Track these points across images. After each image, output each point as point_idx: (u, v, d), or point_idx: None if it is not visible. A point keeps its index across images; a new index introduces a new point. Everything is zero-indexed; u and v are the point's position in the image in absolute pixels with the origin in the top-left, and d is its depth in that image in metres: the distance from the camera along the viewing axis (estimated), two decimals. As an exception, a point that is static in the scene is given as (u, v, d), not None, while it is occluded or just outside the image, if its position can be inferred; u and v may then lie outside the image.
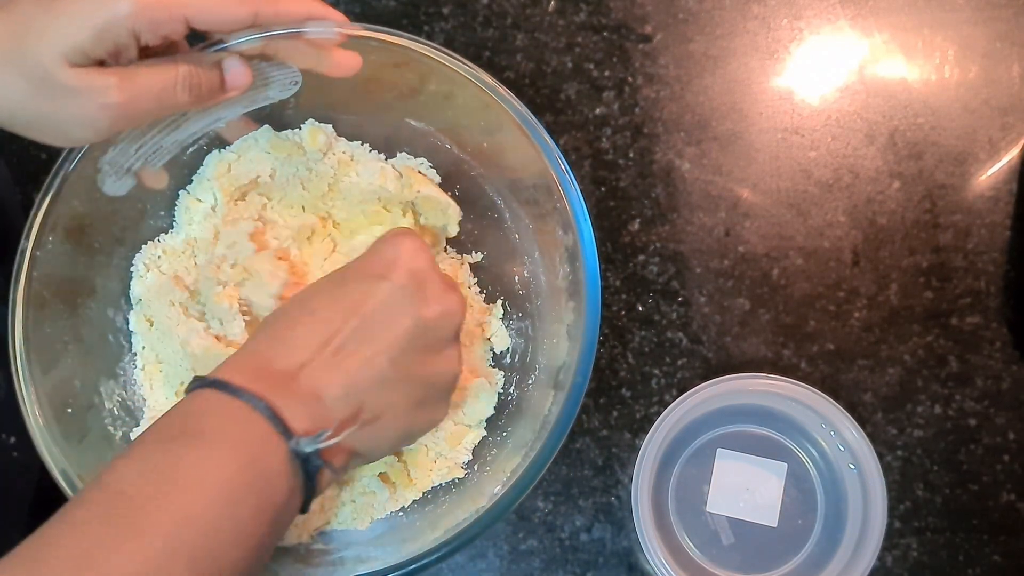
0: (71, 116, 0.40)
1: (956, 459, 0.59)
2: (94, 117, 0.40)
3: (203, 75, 0.42)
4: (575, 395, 0.47)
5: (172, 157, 0.49)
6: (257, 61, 0.45)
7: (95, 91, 0.39)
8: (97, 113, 0.40)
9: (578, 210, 0.49)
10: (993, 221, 0.62)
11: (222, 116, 0.48)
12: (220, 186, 0.55)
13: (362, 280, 0.43)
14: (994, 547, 0.58)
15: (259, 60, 0.46)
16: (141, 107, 0.41)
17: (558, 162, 0.49)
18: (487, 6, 0.64)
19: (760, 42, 0.64)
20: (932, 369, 0.60)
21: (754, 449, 0.58)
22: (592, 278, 0.48)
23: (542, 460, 0.47)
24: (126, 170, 0.47)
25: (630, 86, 0.63)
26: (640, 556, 0.58)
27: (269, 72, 0.46)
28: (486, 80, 0.50)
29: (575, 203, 0.49)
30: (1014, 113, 0.63)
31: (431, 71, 0.50)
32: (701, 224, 0.62)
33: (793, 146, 0.63)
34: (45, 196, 0.47)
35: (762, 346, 0.60)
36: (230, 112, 0.48)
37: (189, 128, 0.48)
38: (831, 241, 0.62)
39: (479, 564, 0.58)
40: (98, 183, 0.47)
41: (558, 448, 0.47)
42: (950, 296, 0.61)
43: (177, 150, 0.48)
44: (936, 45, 0.64)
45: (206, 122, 0.48)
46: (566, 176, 0.49)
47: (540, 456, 0.47)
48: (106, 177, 0.47)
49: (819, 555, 0.57)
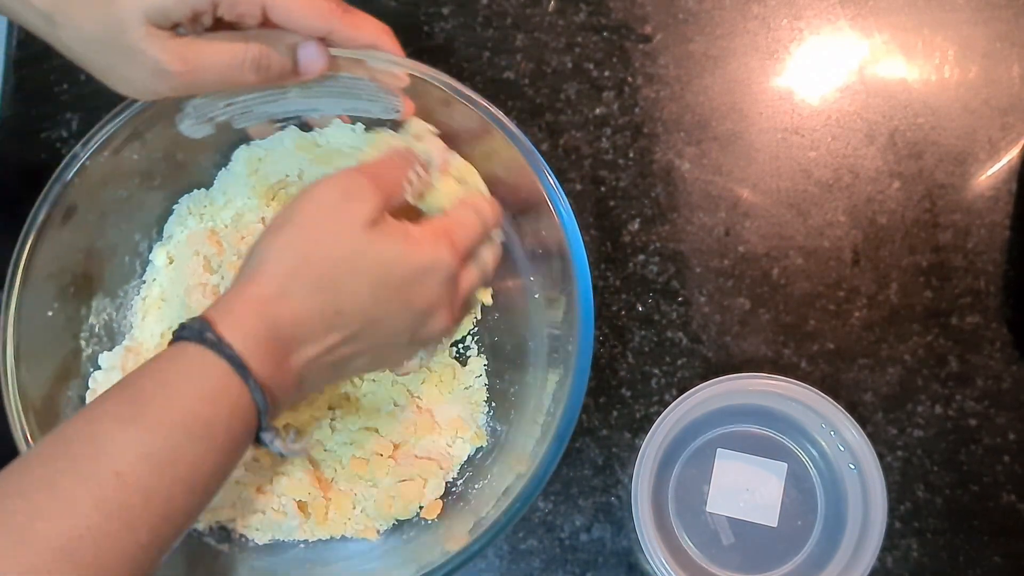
0: (134, 73, 0.41)
1: (956, 459, 0.59)
2: (154, 81, 0.41)
3: (274, 57, 0.43)
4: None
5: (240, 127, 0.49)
6: (373, 81, 0.47)
7: (158, 58, 0.40)
8: (156, 78, 0.40)
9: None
10: (993, 221, 0.62)
11: (320, 108, 0.49)
12: (252, 185, 0.55)
13: (392, 300, 0.41)
14: (995, 548, 0.58)
15: (376, 81, 0.47)
16: (203, 79, 0.42)
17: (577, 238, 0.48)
18: (487, 6, 0.64)
19: (760, 42, 0.64)
20: (932, 369, 0.60)
21: (754, 449, 0.58)
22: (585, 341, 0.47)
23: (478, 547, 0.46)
24: (208, 119, 0.48)
25: (630, 86, 0.63)
26: (640, 556, 0.58)
27: (379, 93, 0.48)
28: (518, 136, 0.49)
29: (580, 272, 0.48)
30: (1014, 113, 0.63)
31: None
32: (701, 224, 0.62)
33: (793, 146, 0.63)
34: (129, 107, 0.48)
35: (762, 346, 0.60)
36: (329, 108, 0.49)
37: (285, 105, 0.48)
38: (831, 241, 0.62)
39: (479, 564, 0.58)
40: (176, 120, 0.48)
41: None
42: (950, 296, 0.61)
43: (264, 120, 0.49)
44: (936, 45, 0.64)
45: (303, 107, 0.49)
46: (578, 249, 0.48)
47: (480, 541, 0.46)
48: (186, 118, 0.48)
49: (819, 555, 0.57)
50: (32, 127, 0.62)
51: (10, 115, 0.63)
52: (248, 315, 0.39)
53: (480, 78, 0.63)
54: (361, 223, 0.40)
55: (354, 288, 0.41)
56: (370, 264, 0.41)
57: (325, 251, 0.40)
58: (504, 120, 0.48)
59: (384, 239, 0.41)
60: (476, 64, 0.63)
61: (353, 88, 0.48)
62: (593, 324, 0.46)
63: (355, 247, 0.40)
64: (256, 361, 0.38)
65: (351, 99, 0.48)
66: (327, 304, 0.40)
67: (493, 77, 0.63)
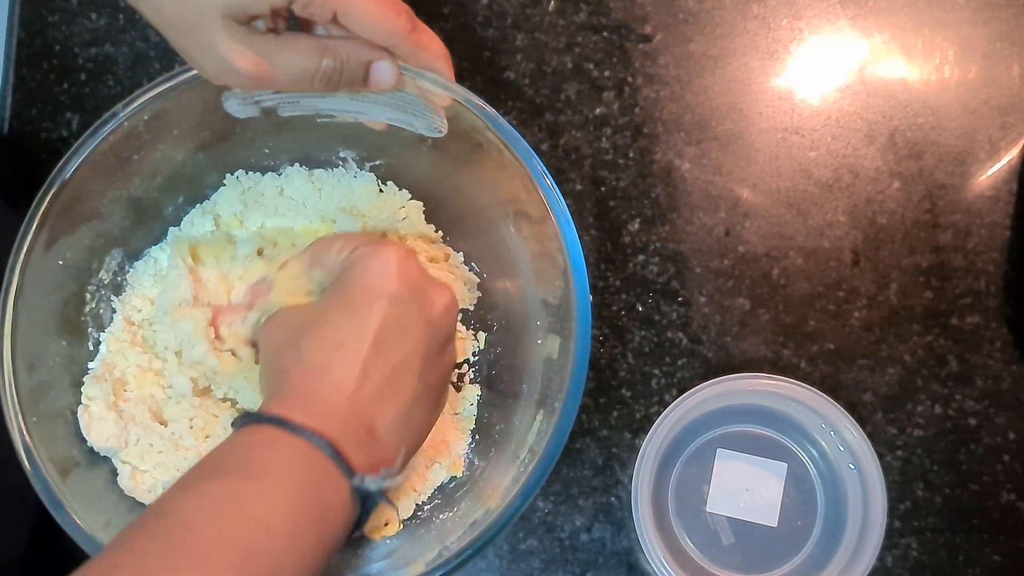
0: (206, 63, 0.41)
1: (956, 459, 0.59)
2: (223, 75, 0.41)
3: (346, 71, 0.43)
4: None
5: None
6: (421, 98, 0.47)
7: (228, 56, 0.40)
8: (225, 73, 0.41)
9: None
10: (993, 221, 0.62)
11: (366, 113, 0.49)
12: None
13: (369, 302, 0.43)
14: (994, 547, 0.58)
15: (424, 99, 0.47)
16: (272, 82, 0.42)
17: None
18: (487, 6, 0.64)
19: (760, 42, 0.64)
20: (932, 369, 0.60)
21: (754, 449, 0.58)
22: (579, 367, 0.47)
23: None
24: (255, 102, 0.48)
25: (630, 86, 0.63)
26: (640, 556, 0.58)
27: (425, 111, 0.48)
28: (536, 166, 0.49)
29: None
30: (1014, 113, 0.63)
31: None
32: (701, 224, 0.62)
33: (793, 146, 0.63)
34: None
35: (762, 346, 0.60)
36: (374, 114, 0.49)
37: (332, 103, 0.49)
38: (831, 241, 0.62)
39: (479, 564, 0.58)
40: (223, 99, 0.48)
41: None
42: (950, 296, 0.61)
43: (310, 112, 0.49)
44: (936, 45, 0.64)
45: (350, 108, 0.49)
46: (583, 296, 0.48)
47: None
48: (233, 98, 0.48)
49: (819, 555, 0.57)
50: (32, 127, 0.62)
51: (10, 115, 0.63)
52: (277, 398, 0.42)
53: (480, 78, 0.63)
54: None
55: (337, 320, 0.44)
56: (332, 296, 0.46)
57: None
58: (539, 167, 0.48)
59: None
60: (476, 64, 0.63)
61: (401, 101, 0.48)
62: (586, 372, 0.47)
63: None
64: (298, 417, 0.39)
65: (397, 111, 0.49)
66: (322, 348, 0.43)
67: (493, 77, 0.63)
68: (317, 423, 0.39)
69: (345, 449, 0.39)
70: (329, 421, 0.39)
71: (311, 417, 0.39)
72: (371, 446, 0.41)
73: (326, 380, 0.41)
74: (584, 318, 0.47)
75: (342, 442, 0.39)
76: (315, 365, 0.42)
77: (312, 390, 0.41)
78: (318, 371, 0.42)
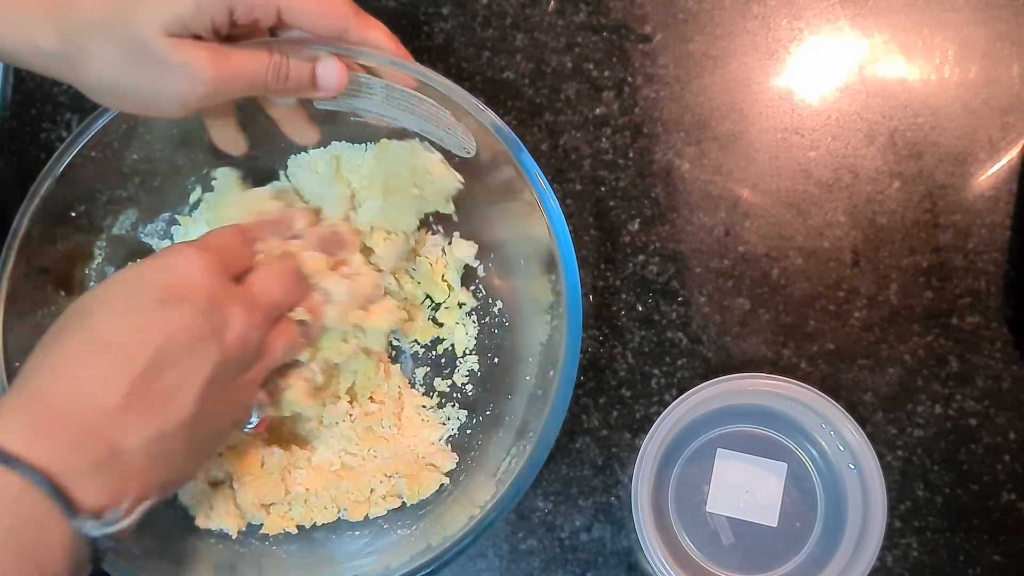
0: (162, 88, 0.39)
1: (956, 459, 0.59)
2: (184, 91, 0.39)
3: (293, 68, 0.43)
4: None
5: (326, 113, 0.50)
6: (454, 116, 0.48)
7: (190, 65, 0.39)
8: (188, 87, 0.39)
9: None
10: (993, 221, 0.62)
11: (399, 120, 0.50)
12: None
13: (155, 303, 0.38)
14: (994, 547, 0.58)
15: (457, 119, 0.48)
16: (231, 86, 0.41)
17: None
18: (487, 6, 0.64)
19: (760, 42, 0.64)
20: (932, 369, 0.60)
21: (754, 449, 0.58)
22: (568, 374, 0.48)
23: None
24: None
25: (630, 86, 0.63)
26: (640, 556, 0.58)
27: (456, 130, 0.49)
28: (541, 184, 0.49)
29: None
30: (1014, 113, 0.63)
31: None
32: (701, 224, 0.62)
33: (793, 146, 0.63)
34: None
35: (762, 346, 0.60)
36: (408, 123, 0.50)
37: (368, 104, 0.49)
38: (831, 241, 0.62)
39: (479, 564, 0.58)
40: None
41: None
42: (950, 296, 0.61)
43: (346, 110, 0.49)
44: (936, 45, 0.64)
45: (385, 112, 0.50)
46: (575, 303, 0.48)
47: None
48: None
49: (819, 555, 0.57)
50: (32, 127, 0.62)
51: (10, 115, 0.63)
52: (10, 407, 0.35)
53: (480, 78, 0.63)
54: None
55: (105, 310, 0.38)
56: (115, 284, 0.40)
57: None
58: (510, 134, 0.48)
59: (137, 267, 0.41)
60: (476, 64, 0.63)
61: (435, 116, 0.49)
62: (565, 411, 0.47)
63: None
64: (20, 440, 0.33)
65: (430, 124, 0.49)
66: (86, 342, 0.37)
67: (493, 77, 0.63)
68: (41, 447, 0.33)
69: (71, 482, 0.33)
70: (58, 440, 0.34)
71: (36, 437, 0.34)
72: (112, 471, 0.35)
73: (78, 381, 0.36)
74: (572, 358, 0.47)
75: (69, 472, 0.33)
76: (65, 362, 0.37)
77: (54, 395, 0.35)
78: (71, 371, 0.36)
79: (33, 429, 0.34)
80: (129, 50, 0.38)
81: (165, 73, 0.39)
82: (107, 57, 0.39)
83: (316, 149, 0.55)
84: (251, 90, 0.42)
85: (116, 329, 0.38)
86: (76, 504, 0.34)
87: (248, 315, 0.41)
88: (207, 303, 0.39)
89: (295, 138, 0.49)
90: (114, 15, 0.38)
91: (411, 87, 0.47)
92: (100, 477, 0.35)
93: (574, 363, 0.47)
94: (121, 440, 0.36)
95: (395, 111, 0.49)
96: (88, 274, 0.54)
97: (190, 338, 0.38)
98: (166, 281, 0.39)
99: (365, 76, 0.47)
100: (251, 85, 0.42)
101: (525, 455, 0.48)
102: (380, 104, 0.49)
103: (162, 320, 0.38)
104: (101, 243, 0.54)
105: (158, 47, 0.38)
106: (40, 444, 0.34)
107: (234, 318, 0.40)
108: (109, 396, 0.36)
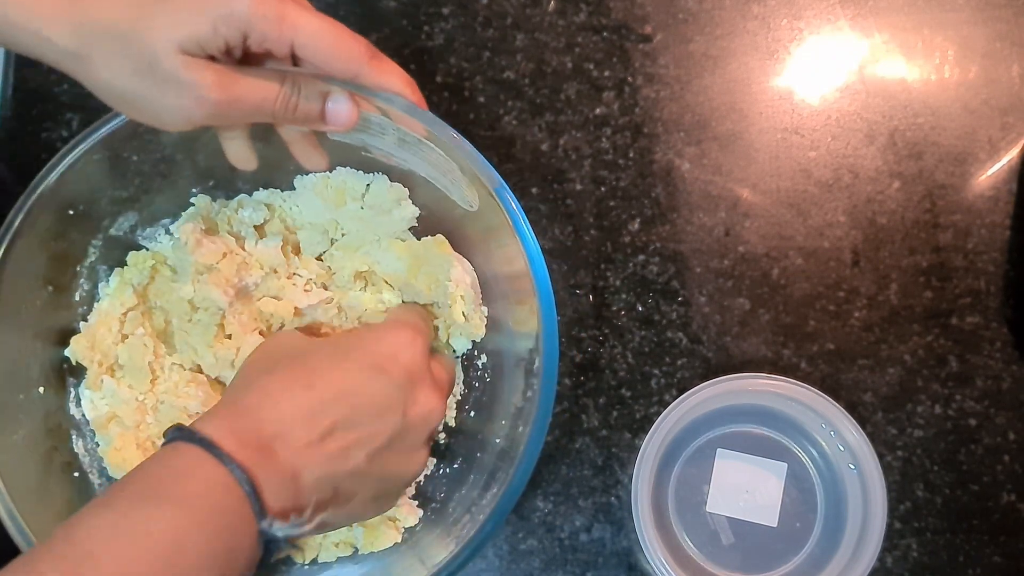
0: (168, 103, 0.40)
1: (956, 459, 0.59)
2: (189, 108, 0.40)
3: (303, 100, 0.43)
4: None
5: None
6: (463, 171, 0.48)
7: (196, 85, 0.39)
8: (193, 105, 0.40)
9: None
10: (993, 221, 0.62)
11: (409, 164, 0.51)
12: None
13: (363, 368, 0.44)
14: (994, 548, 0.58)
15: (465, 173, 0.48)
16: (236, 110, 0.41)
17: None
18: (487, 6, 0.64)
19: (760, 42, 0.64)
20: (932, 369, 0.60)
21: (754, 449, 0.58)
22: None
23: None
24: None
25: (630, 86, 0.63)
26: (640, 556, 0.58)
27: (462, 184, 0.49)
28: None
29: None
30: (1014, 113, 0.63)
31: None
32: (701, 224, 0.62)
33: (793, 146, 0.63)
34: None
35: (762, 346, 0.60)
36: (416, 167, 0.51)
37: (380, 142, 0.50)
38: (831, 241, 0.62)
39: (479, 564, 0.58)
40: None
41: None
42: (950, 296, 0.61)
43: (358, 144, 0.50)
44: (936, 45, 0.64)
45: (395, 152, 0.50)
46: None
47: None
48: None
49: (819, 555, 0.57)
50: (32, 127, 0.62)
51: (10, 115, 0.63)
52: (223, 415, 0.41)
53: (480, 78, 0.63)
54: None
55: (322, 357, 0.44)
56: (337, 337, 0.45)
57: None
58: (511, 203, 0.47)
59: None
60: (476, 64, 0.63)
61: (443, 165, 0.49)
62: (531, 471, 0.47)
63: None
64: (231, 444, 0.38)
65: (438, 172, 0.50)
66: (299, 379, 0.42)
67: (493, 77, 0.63)
68: (246, 456, 0.38)
69: (264, 488, 0.38)
70: (256, 452, 0.39)
71: (241, 447, 0.39)
72: (292, 491, 0.40)
73: (278, 409, 0.41)
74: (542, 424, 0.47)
75: (264, 481, 0.38)
76: (277, 390, 0.42)
77: (258, 415, 0.41)
78: (275, 397, 0.41)
79: (238, 439, 0.39)
80: (141, 62, 0.39)
81: (173, 89, 0.39)
82: (119, 64, 0.39)
83: (321, 173, 0.56)
84: (258, 116, 0.43)
85: (328, 377, 0.43)
86: (267, 507, 0.38)
87: (434, 396, 0.46)
88: (405, 379, 0.44)
89: (303, 162, 0.50)
90: (131, 25, 0.38)
91: (421, 134, 0.47)
92: (285, 492, 0.39)
93: (542, 431, 0.46)
94: (301, 471, 0.40)
95: (405, 153, 0.50)
96: (79, 271, 0.54)
97: (382, 406, 0.43)
98: (382, 351, 0.45)
99: (378, 116, 0.47)
100: (258, 112, 0.42)
101: (485, 513, 0.47)
102: (391, 145, 0.49)
103: (367, 382, 0.43)
104: (97, 242, 0.54)
105: (170, 64, 0.39)
106: (243, 452, 0.38)
107: (424, 397, 0.45)
108: (305, 434, 0.41)
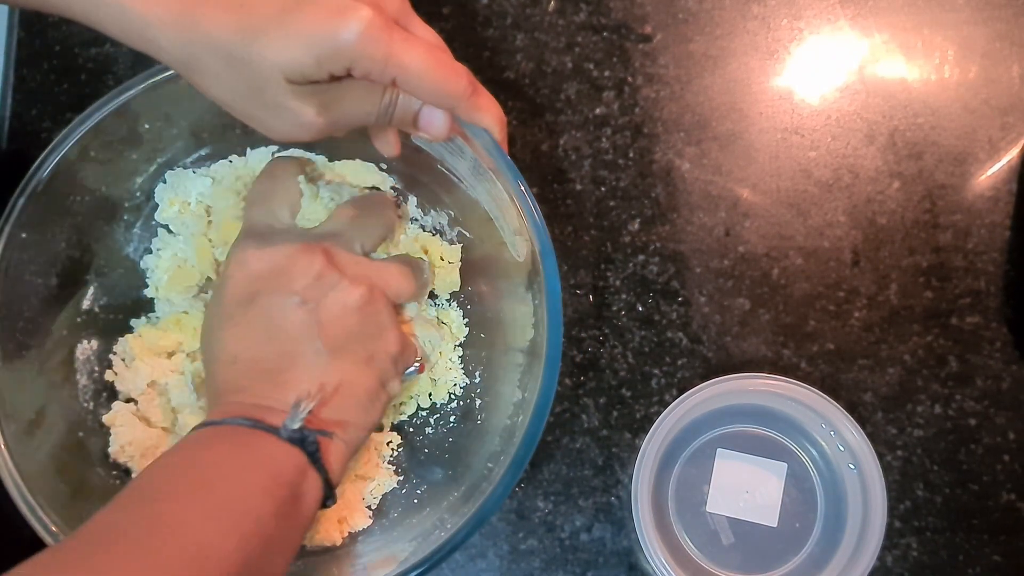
0: (272, 122, 0.42)
1: (956, 459, 0.59)
2: (297, 131, 0.42)
3: (400, 107, 0.44)
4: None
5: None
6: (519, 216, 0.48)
7: (301, 113, 0.41)
8: (299, 129, 0.42)
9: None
10: (993, 221, 0.62)
11: (472, 190, 0.52)
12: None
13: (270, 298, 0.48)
14: (994, 547, 0.58)
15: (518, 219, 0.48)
16: (340, 127, 0.43)
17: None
18: (487, 6, 0.64)
19: (760, 42, 0.64)
20: (932, 369, 0.60)
21: (754, 449, 0.58)
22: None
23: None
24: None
25: (630, 86, 0.63)
26: (640, 556, 0.58)
27: (514, 231, 0.50)
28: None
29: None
30: (1014, 113, 0.63)
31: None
32: (701, 224, 0.62)
33: (793, 146, 0.63)
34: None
35: (762, 346, 0.60)
36: (477, 196, 0.52)
37: (453, 163, 0.51)
38: (831, 241, 0.62)
39: (479, 564, 0.58)
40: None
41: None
42: (950, 296, 0.61)
43: (435, 154, 0.51)
44: (936, 45, 0.64)
45: (465, 176, 0.52)
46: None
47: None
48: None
49: (819, 555, 0.57)
50: (32, 127, 0.62)
51: (10, 115, 0.63)
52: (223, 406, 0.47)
53: (480, 78, 0.63)
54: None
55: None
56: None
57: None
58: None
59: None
60: (476, 64, 0.63)
61: (504, 208, 0.49)
62: (523, 466, 0.47)
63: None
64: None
65: (499, 211, 0.51)
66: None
67: (493, 77, 0.63)
68: (232, 411, 0.44)
69: (261, 417, 0.44)
70: (242, 408, 0.45)
71: (227, 414, 0.44)
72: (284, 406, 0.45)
73: (231, 386, 0.47)
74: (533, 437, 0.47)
75: (256, 416, 0.44)
76: (218, 385, 0.47)
77: (230, 399, 0.46)
78: (222, 389, 0.47)
79: (222, 410, 0.46)
80: (246, 82, 0.40)
81: (277, 111, 0.41)
82: (225, 80, 0.40)
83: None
84: (360, 125, 0.45)
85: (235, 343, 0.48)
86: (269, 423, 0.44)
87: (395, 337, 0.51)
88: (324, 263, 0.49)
89: (378, 146, 0.50)
90: (240, 46, 0.39)
91: (493, 170, 0.48)
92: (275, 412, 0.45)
93: (525, 457, 0.47)
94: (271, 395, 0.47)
95: (475, 181, 0.50)
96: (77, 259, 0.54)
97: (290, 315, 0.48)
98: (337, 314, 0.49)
99: (462, 141, 0.47)
100: (360, 123, 0.44)
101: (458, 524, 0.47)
102: (465, 170, 0.50)
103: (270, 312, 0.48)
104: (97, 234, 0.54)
105: (275, 90, 0.40)
106: (231, 410, 0.45)
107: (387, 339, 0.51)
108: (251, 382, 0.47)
